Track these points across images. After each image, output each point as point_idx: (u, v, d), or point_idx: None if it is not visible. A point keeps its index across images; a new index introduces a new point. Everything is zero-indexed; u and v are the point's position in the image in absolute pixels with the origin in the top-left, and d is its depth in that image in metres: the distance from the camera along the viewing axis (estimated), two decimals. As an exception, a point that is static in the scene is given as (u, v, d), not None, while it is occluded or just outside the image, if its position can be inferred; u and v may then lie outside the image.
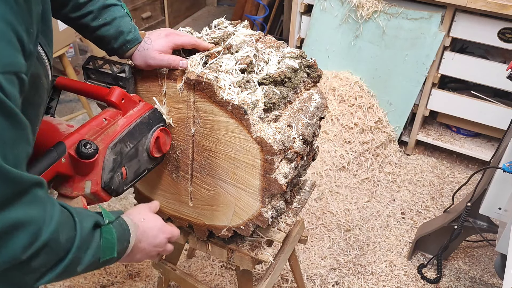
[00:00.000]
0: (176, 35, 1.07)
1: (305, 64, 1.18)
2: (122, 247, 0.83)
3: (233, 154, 1.06)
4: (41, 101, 0.80)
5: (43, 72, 0.78)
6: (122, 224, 0.84)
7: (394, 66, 2.61)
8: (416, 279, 2.05)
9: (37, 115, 0.79)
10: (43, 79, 0.78)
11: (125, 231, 0.84)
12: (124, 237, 0.83)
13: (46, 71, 0.80)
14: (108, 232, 0.79)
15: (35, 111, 0.77)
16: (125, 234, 0.84)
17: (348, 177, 2.55)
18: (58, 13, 1.01)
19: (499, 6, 2.17)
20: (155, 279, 1.98)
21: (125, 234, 0.84)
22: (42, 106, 0.81)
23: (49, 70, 0.81)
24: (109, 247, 0.78)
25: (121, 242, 0.82)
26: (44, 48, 0.77)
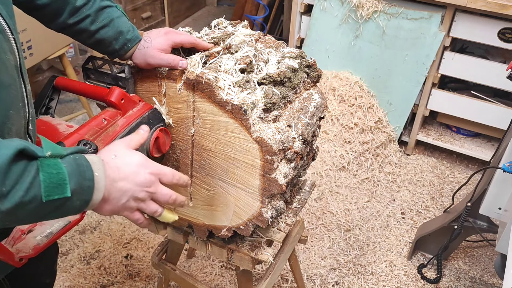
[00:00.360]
0: (175, 33, 1.08)
1: (305, 64, 1.18)
2: (82, 187, 0.71)
3: (233, 154, 1.06)
4: (11, 81, 0.75)
5: (8, 47, 0.74)
6: (78, 160, 0.72)
7: (394, 66, 2.61)
8: (416, 279, 2.05)
9: (6, 96, 0.74)
10: (8, 54, 0.74)
11: (82, 167, 0.71)
12: (82, 175, 0.71)
13: (11, 46, 0.76)
14: (50, 166, 0.67)
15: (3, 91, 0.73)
16: (83, 171, 0.71)
17: (348, 177, 2.55)
18: (53, 22, 1.00)
19: (499, 6, 2.17)
20: (155, 279, 1.98)
21: (84, 171, 0.71)
22: (13, 87, 0.76)
23: (14, 46, 0.77)
24: (55, 184, 0.67)
25: (77, 180, 0.69)
26: (6, 19, 0.74)
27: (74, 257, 2.07)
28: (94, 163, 0.74)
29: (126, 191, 0.79)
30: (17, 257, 0.82)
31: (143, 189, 0.82)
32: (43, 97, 1.04)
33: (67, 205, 0.70)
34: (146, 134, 0.92)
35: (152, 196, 0.84)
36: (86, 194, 0.72)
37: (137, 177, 0.80)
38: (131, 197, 0.80)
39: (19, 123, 0.79)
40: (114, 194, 0.78)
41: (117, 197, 0.78)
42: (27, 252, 0.84)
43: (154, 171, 0.83)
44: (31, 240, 0.85)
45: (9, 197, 0.62)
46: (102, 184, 0.74)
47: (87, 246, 2.13)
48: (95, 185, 0.73)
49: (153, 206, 0.85)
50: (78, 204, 0.72)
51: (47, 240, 0.87)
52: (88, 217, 2.28)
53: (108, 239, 2.16)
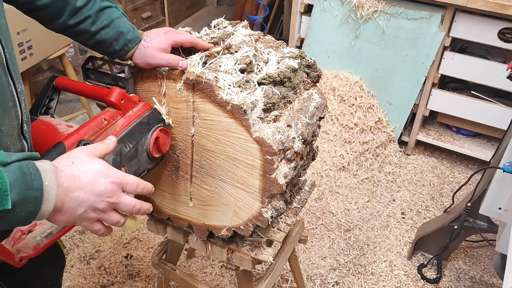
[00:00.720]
0: (175, 32, 1.07)
1: (305, 64, 1.18)
2: (26, 198, 0.65)
3: (233, 154, 1.06)
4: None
5: None
6: (25, 167, 0.65)
7: (394, 66, 2.61)
8: (416, 279, 2.05)
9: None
10: None
11: (28, 176, 0.65)
12: (27, 184, 0.65)
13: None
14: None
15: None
16: (30, 181, 0.65)
17: (348, 177, 2.55)
18: (53, 23, 0.99)
19: (499, 6, 2.17)
20: (155, 279, 1.98)
21: (30, 180, 0.65)
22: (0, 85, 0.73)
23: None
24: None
25: (21, 190, 0.64)
26: None
27: (74, 257, 2.07)
28: (45, 171, 0.68)
29: (83, 201, 0.73)
30: (17, 257, 0.82)
31: (103, 199, 0.75)
32: (43, 97, 1.04)
33: (8, 217, 0.64)
34: (113, 145, 0.84)
35: (114, 206, 0.78)
36: (32, 205, 0.66)
37: (96, 186, 0.74)
38: (89, 207, 0.74)
39: (10, 124, 0.77)
40: (68, 204, 0.71)
41: (72, 207, 0.72)
42: (27, 252, 0.84)
43: (116, 180, 0.76)
44: (31, 241, 0.85)
45: None
46: (53, 194, 0.68)
47: (87, 246, 2.13)
48: (44, 195, 0.67)
49: (114, 217, 0.79)
50: (23, 216, 0.66)
51: (47, 241, 0.87)
52: (88, 217, 2.28)
53: (108, 239, 2.16)
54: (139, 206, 0.81)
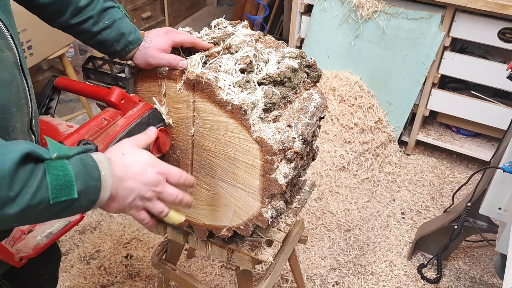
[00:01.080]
0: (175, 32, 1.08)
1: (305, 64, 1.18)
2: (88, 187, 0.70)
3: (233, 154, 1.06)
4: (12, 78, 0.75)
5: (4, 44, 0.74)
6: (85, 160, 0.71)
7: (394, 66, 2.61)
8: (416, 279, 2.05)
9: (9, 94, 0.74)
10: (5, 52, 0.74)
11: (89, 167, 0.71)
12: (89, 175, 0.70)
13: (8, 42, 0.75)
14: (57, 168, 0.67)
15: (6, 90, 0.73)
16: (90, 172, 0.71)
17: (348, 177, 2.55)
18: (56, 21, 0.99)
19: (499, 6, 2.17)
20: (155, 279, 1.98)
21: (91, 171, 0.71)
22: (15, 84, 0.75)
23: (12, 42, 0.76)
24: (62, 186, 0.66)
25: (83, 181, 0.69)
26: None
27: (74, 257, 2.07)
28: (101, 162, 0.73)
29: (133, 190, 0.79)
30: (17, 257, 0.82)
31: (150, 188, 0.81)
32: (43, 97, 1.04)
33: (74, 206, 0.70)
34: (154, 135, 0.92)
35: (159, 195, 0.83)
36: (93, 194, 0.72)
37: (144, 176, 0.80)
38: (137, 196, 0.80)
39: (22, 120, 0.79)
40: (121, 193, 0.77)
41: (124, 196, 0.78)
42: (27, 252, 0.84)
43: (161, 171, 0.83)
44: (31, 240, 0.85)
45: (17, 201, 0.62)
46: (109, 183, 0.74)
47: (87, 246, 2.13)
48: (102, 184, 0.72)
49: (159, 206, 0.85)
50: (86, 204, 0.72)
51: (47, 240, 0.87)
52: (88, 217, 2.28)
53: (108, 239, 2.16)
54: (181, 196, 0.87)
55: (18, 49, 0.79)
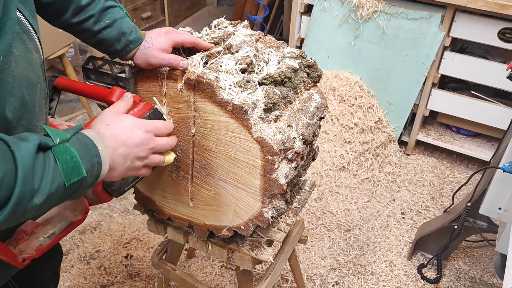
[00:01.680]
0: (175, 32, 1.08)
1: (305, 64, 1.18)
2: (92, 164, 0.74)
3: (234, 154, 1.06)
4: (38, 80, 0.77)
5: (33, 47, 0.77)
6: (82, 139, 0.75)
7: (394, 66, 2.61)
8: (416, 279, 2.05)
9: (34, 95, 0.76)
10: (34, 54, 0.76)
11: (88, 146, 0.75)
12: (89, 152, 0.75)
13: (36, 45, 0.78)
14: (63, 152, 0.70)
15: (33, 91, 0.75)
16: (89, 149, 0.75)
17: (348, 177, 2.55)
18: (57, 20, 1.00)
19: (499, 6, 2.17)
20: (155, 279, 1.98)
21: (90, 148, 0.75)
22: (40, 85, 0.78)
23: (39, 45, 0.79)
24: (72, 168, 0.71)
25: (87, 158, 0.73)
26: (29, 19, 0.76)
27: (74, 257, 2.07)
28: (94, 138, 0.77)
29: (128, 154, 0.83)
30: (20, 258, 0.82)
31: (143, 147, 0.86)
32: (44, 97, 1.04)
33: (83, 184, 0.74)
34: (131, 100, 0.93)
35: (153, 150, 0.89)
36: (96, 170, 0.76)
37: (133, 139, 0.84)
38: (134, 158, 0.85)
39: (42, 120, 0.82)
40: (118, 161, 0.81)
41: (121, 163, 0.82)
42: (30, 253, 0.84)
43: (148, 129, 0.87)
44: (34, 241, 0.85)
45: (40, 191, 0.66)
46: (106, 155, 0.78)
47: (87, 246, 2.13)
48: (102, 158, 0.76)
49: (156, 158, 0.91)
50: (92, 180, 0.76)
51: (50, 241, 0.87)
52: (88, 217, 2.28)
53: (108, 239, 2.16)
54: (171, 142, 0.95)
55: (42, 51, 0.82)
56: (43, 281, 1.20)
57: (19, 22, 0.73)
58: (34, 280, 1.13)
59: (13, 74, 0.70)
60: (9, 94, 0.69)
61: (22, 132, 0.73)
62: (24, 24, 0.74)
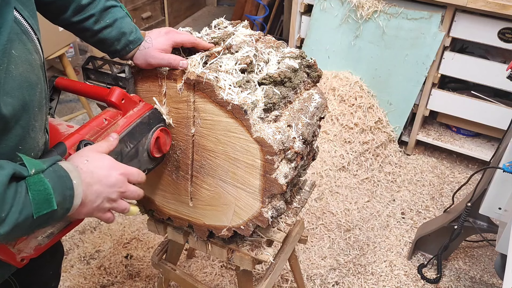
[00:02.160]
0: (175, 32, 1.08)
1: (305, 64, 1.18)
2: (64, 197, 0.73)
3: (233, 154, 1.06)
4: (38, 80, 0.77)
5: (33, 47, 0.77)
6: (58, 171, 0.74)
7: (394, 66, 2.61)
8: (416, 279, 2.05)
9: (34, 95, 0.76)
10: (34, 54, 0.77)
11: (63, 179, 0.74)
12: (63, 185, 0.73)
13: (36, 46, 0.78)
14: (37, 183, 0.70)
15: (33, 91, 0.76)
16: (64, 182, 0.74)
17: (348, 177, 2.55)
18: (58, 19, 1.00)
19: (499, 6, 2.17)
20: (155, 279, 1.98)
21: (65, 181, 0.74)
22: (40, 86, 0.78)
23: (38, 45, 0.79)
24: (43, 200, 0.70)
25: (60, 192, 0.72)
26: (28, 20, 0.76)
27: (74, 257, 2.07)
28: (71, 171, 0.76)
29: (100, 193, 0.82)
30: (19, 257, 0.82)
31: (115, 189, 0.84)
32: (44, 97, 1.04)
33: (53, 216, 0.73)
34: (115, 142, 0.92)
35: (123, 195, 0.87)
36: (68, 203, 0.75)
37: (109, 179, 0.83)
38: (105, 198, 0.83)
39: (41, 120, 0.82)
40: (89, 198, 0.80)
41: (92, 200, 0.81)
42: (28, 252, 0.84)
43: (123, 172, 0.86)
44: (33, 241, 0.85)
45: (6, 221, 0.66)
46: (80, 190, 0.77)
47: (87, 246, 2.13)
48: (75, 192, 0.75)
49: (123, 204, 0.89)
50: (62, 213, 0.75)
51: (49, 241, 0.87)
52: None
53: (108, 239, 2.16)
54: (140, 192, 0.92)
55: (43, 52, 0.82)
56: (45, 280, 1.20)
57: (18, 22, 0.73)
58: (35, 279, 1.13)
59: (12, 75, 0.70)
60: (4, 93, 0.69)
61: (19, 132, 0.74)
62: (23, 24, 0.74)
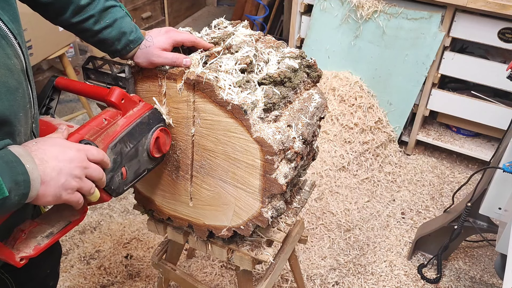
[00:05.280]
0: (175, 31, 1.08)
1: (305, 64, 1.18)
2: (17, 183, 0.69)
3: (233, 154, 1.06)
4: (18, 85, 0.76)
5: (12, 52, 0.76)
6: (5, 157, 0.70)
7: (394, 66, 2.61)
8: (416, 279, 2.05)
9: (15, 100, 0.75)
10: (13, 59, 0.76)
11: (12, 163, 0.70)
12: (13, 171, 0.69)
13: (15, 50, 0.77)
14: None
15: (12, 96, 0.74)
16: (13, 167, 0.69)
17: (348, 177, 2.55)
18: (57, 19, 1.01)
19: (499, 6, 2.17)
20: (155, 279, 1.98)
21: (14, 166, 0.70)
22: (21, 90, 0.77)
23: (19, 50, 0.78)
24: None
25: (10, 177, 0.68)
26: (8, 25, 0.75)
27: (74, 257, 2.07)
28: (22, 155, 0.72)
29: (61, 169, 0.77)
30: (18, 257, 0.82)
31: (77, 165, 0.79)
32: (44, 97, 1.04)
33: (6, 203, 0.69)
34: (66, 132, 0.87)
35: (86, 172, 0.82)
36: (23, 188, 0.71)
37: (66, 154, 0.78)
38: (68, 175, 0.78)
39: (27, 124, 0.81)
40: (50, 175, 0.75)
41: (54, 178, 0.76)
42: (27, 252, 0.84)
43: (79, 148, 0.82)
44: (32, 240, 0.85)
45: None
46: (37, 174, 0.73)
47: (87, 246, 2.13)
48: (30, 176, 0.71)
49: (89, 183, 0.83)
50: (17, 199, 0.71)
51: (48, 240, 0.87)
52: (88, 217, 2.28)
53: (108, 239, 2.16)
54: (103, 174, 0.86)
55: (25, 56, 0.81)
56: (42, 278, 1.20)
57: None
58: (32, 277, 1.13)
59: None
60: None
61: (3, 137, 0.73)
62: (2, 29, 0.74)
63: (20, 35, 0.80)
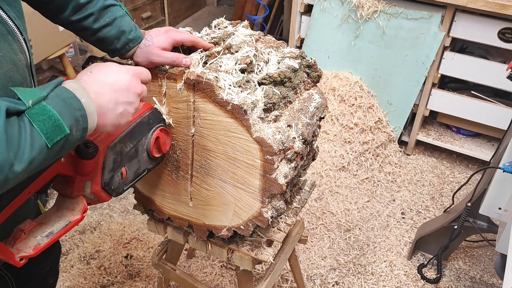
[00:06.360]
0: (175, 31, 1.08)
1: (305, 64, 1.18)
2: (76, 119, 0.70)
3: (233, 154, 1.06)
4: (23, 80, 0.77)
5: (18, 48, 0.77)
6: (61, 94, 0.70)
7: (394, 66, 2.61)
8: (416, 279, 2.05)
9: None
10: (19, 55, 0.77)
11: (68, 100, 0.70)
12: (71, 108, 0.70)
13: (21, 46, 0.78)
14: (39, 114, 0.66)
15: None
16: (71, 104, 0.70)
17: (348, 177, 2.55)
18: (57, 18, 1.01)
19: (499, 6, 2.17)
20: (155, 279, 1.98)
21: (71, 103, 0.70)
22: (25, 85, 0.78)
23: (24, 46, 0.79)
24: (52, 128, 0.67)
25: (69, 115, 0.69)
26: (14, 21, 0.76)
27: (74, 257, 2.07)
28: (76, 90, 0.72)
29: (117, 100, 0.78)
30: (18, 256, 0.82)
31: (133, 91, 0.81)
32: (44, 97, 1.04)
33: (69, 140, 0.70)
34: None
35: (140, 96, 0.84)
36: (82, 123, 0.72)
37: (122, 82, 0.79)
38: (126, 104, 0.80)
39: None
40: (106, 106, 0.76)
41: (111, 109, 0.77)
42: (27, 252, 0.84)
43: (134, 72, 0.82)
44: (32, 240, 0.85)
45: (18, 158, 0.63)
46: (93, 107, 0.73)
47: (87, 246, 2.13)
48: (86, 110, 0.72)
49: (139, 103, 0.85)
50: (79, 134, 0.72)
51: (48, 240, 0.87)
52: (88, 217, 2.28)
53: (108, 239, 2.16)
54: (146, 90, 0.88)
55: (29, 52, 0.82)
56: (41, 276, 1.20)
57: (4, 23, 0.73)
58: (31, 275, 1.13)
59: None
60: None
61: None
62: (9, 25, 0.74)
63: (25, 31, 0.81)
